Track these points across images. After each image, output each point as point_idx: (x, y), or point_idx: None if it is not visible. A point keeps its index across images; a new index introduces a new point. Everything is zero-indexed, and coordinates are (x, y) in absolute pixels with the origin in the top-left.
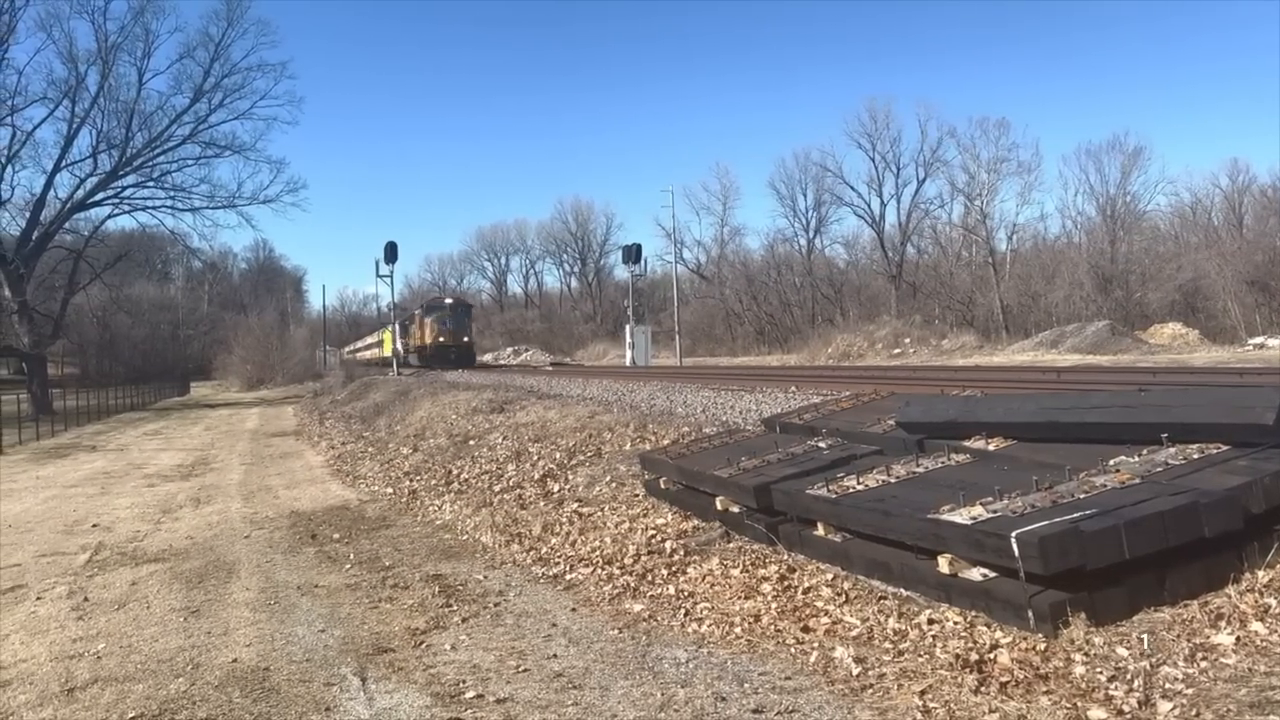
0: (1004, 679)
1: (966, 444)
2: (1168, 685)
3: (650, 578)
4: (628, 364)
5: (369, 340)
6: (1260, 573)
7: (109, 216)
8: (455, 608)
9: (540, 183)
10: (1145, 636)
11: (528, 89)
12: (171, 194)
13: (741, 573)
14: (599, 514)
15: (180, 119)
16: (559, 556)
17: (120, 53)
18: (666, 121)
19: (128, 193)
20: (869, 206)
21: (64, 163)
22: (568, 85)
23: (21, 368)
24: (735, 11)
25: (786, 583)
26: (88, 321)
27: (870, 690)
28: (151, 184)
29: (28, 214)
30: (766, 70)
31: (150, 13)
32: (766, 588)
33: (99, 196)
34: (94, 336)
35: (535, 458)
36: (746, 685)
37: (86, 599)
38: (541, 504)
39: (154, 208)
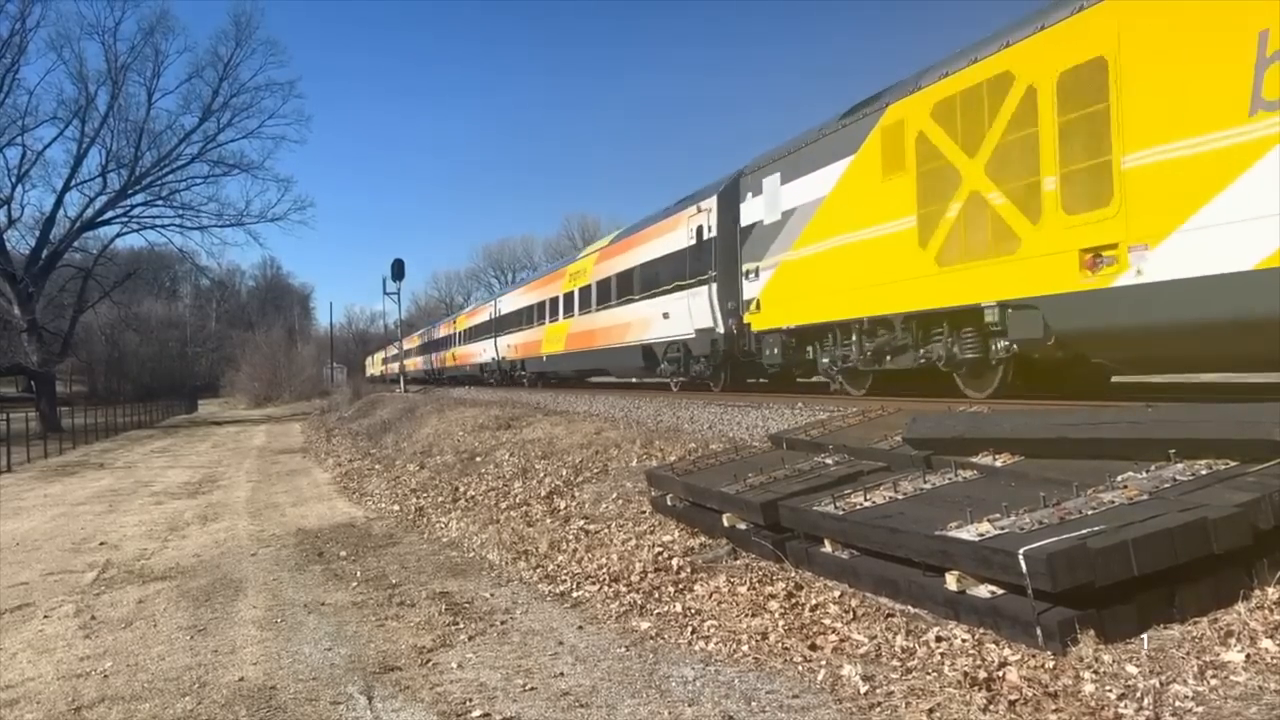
0: (1012, 697)
1: (974, 460)
2: (1178, 703)
3: (657, 595)
4: (633, 379)
5: (441, 332)
6: (1270, 590)
7: (118, 235)
8: (462, 625)
9: (547, 199)
10: (1154, 654)
11: (534, 105)
12: (180, 212)
13: (749, 590)
14: (606, 531)
15: (189, 138)
16: (566, 574)
17: (130, 72)
18: (673, 136)
19: (136, 211)
20: None
21: (73, 181)
22: (574, 101)
23: (30, 386)
24: (742, 26)
25: (794, 600)
26: (96, 339)
27: (878, 708)
28: (160, 202)
29: (37, 232)
30: (773, 84)
31: (160, 33)
32: (774, 605)
33: (108, 215)
34: (102, 354)
35: (542, 474)
36: (754, 704)
37: (94, 617)
38: (548, 521)
39: (162, 226)
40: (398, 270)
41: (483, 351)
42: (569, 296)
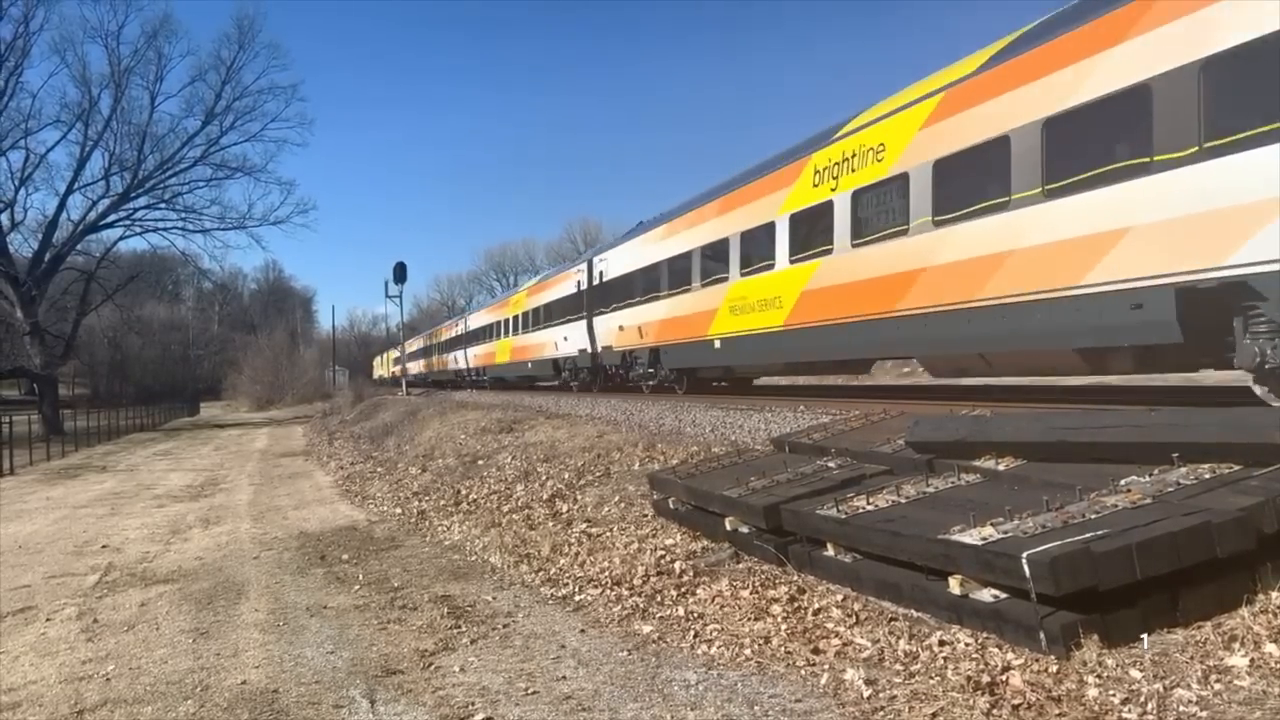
0: (1016, 701)
1: (976, 464)
2: (1181, 708)
3: (659, 599)
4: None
5: (480, 321)
6: (1274, 594)
7: (121, 238)
8: (464, 629)
9: (548, 202)
10: (1158, 658)
11: (535, 108)
12: (182, 215)
13: (751, 594)
14: (608, 534)
15: (192, 141)
16: (568, 577)
17: (133, 76)
18: (675, 139)
19: (139, 214)
20: None
21: (76, 185)
22: (575, 104)
23: (33, 389)
24: (743, 31)
25: (796, 604)
26: (99, 342)
27: (881, 713)
28: (163, 205)
29: (40, 236)
30: (777, 86)
31: (163, 36)
32: (776, 609)
33: (111, 218)
34: (105, 357)
35: (544, 478)
36: (757, 708)
37: (96, 620)
38: (550, 524)
39: (165, 229)
40: (400, 273)
41: (562, 341)
42: (805, 220)
